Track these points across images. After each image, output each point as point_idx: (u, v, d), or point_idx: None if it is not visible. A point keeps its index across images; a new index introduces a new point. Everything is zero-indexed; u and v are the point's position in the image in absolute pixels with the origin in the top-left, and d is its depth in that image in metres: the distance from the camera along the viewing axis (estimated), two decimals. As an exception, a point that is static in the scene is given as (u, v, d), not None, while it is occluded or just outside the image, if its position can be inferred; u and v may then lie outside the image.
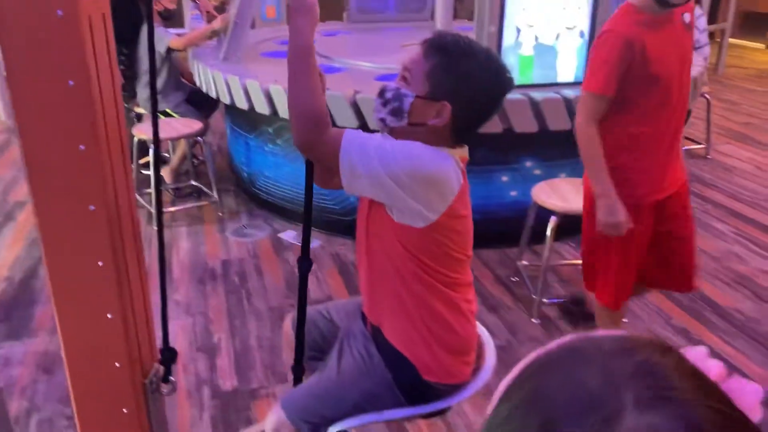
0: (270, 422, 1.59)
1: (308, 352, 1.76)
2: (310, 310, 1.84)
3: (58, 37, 1.26)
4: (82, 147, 1.35)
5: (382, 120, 1.43)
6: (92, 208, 1.41)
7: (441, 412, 1.65)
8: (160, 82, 4.14)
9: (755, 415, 0.46)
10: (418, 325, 1.48)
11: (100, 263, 1.45)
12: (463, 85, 1.38)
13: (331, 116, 1.45)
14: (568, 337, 0.51)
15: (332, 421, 1.53)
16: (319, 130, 1.35)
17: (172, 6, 4.18)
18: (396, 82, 1.42)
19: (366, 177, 1.33)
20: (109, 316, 1.51)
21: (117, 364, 1.58)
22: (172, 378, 1.76)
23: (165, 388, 1.76)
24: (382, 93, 1.42)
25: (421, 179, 1.34)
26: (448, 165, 1.39)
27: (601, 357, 0.46)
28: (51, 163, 1.37)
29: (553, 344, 0.51)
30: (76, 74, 1.29)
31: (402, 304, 1.48)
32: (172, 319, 2.82)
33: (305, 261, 1.64)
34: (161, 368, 1.75)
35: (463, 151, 1.46)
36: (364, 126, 3.07)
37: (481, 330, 1.70)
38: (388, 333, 1.52)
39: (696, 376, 0.46)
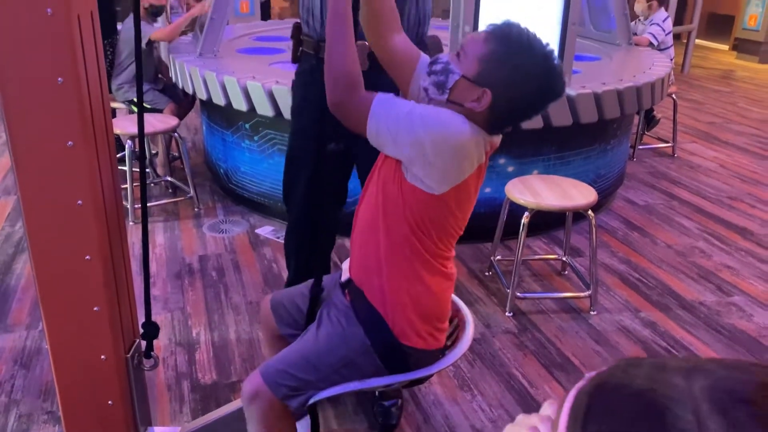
0: (248, 387, 1.60)
1: (288, 330, 1.79)
2: (291, 289, 1.87)
3: (47, 35, 1.28)
4: (70, 143, 1.37)
5: (425, 90, 1.45)
6: (80, 203, 1.43)
7: (420, 381, 1.69)
8: (131, 72, 4.14)
9: None
10: (398, 286, 1.52)
11: (87, 257, 1.48)
12: (512, 79, 1.38)
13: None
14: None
15: (311, 384, 1.55)
16: (350, 92, 1.38)
17: (157, 2, 4.16)
18: (449, 56, 1.44)
19: (391, 141, 1.38)
20: (95, 309, 1.54)
21: (102, 357, 1.61)
22: (153, 353, 1.77)
23: (147, 364, 1.78)
24: (432, 63, 1.45)
25: (444, 150, 1.37)
26: (475, 141, 1.41)
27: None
28: (39, 158, 1.39)
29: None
30: (65, 71, 1.32)
31: (385, 260, 1.52)
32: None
33: (317, 287, 1.67)
34: (143, 343, 1.77)
35: (496, 139, 1.49)
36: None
37: (459, 302, 1.74)
38: (369, 293, 1.55)
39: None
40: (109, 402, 1.66)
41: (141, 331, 1.78)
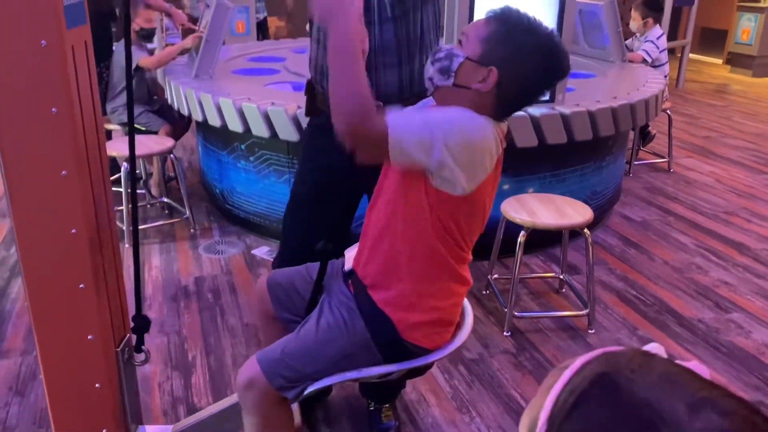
0: (244, 375, 1.57)
1: (285, 314, 1.76)
2: (290, 270, 1.83)
3: (42, 66, 1.28)
4: (64, 172, 1.37)
5: (430, 79, 1.46)
6: (74, 231, 1.43)
7: (419, 372, 1.66)
8: (125, 97, 4.15)
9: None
10: (412, 289, 1.50)
11: (81, 285, 1.47)
12: (515, 56, 1.39)
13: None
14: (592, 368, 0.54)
15: (308, 376, 1.53)
16: (364, 117, 1.32)
17: (147, 25, 4.19)
18: (451, 45, 1.46)
19: (416, 153, 1.35)
20: (89, 337, 1.53)
21: (97, 385, 1.59)
22: (144, 347, 1.72)
23: (138, 359, 1.73)
24: (435, 53, 1.46)
25: (469, 150, 1.37)
26: (490, 132, 1.41)
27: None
28: (34, 187, 1.39)
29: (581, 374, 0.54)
30: (59, 102, 1.32)
31: (402, 265, 1.50)
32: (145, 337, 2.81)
33: (321, 278, 1.64)
34: (134, 337, 1.72)
35: (504, 125, 1.49)
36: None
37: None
38: (376, 293, 1.53)
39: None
40: (104, 430, 1.64)
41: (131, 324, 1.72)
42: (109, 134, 4.41)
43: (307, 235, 2.13)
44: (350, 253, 1.68)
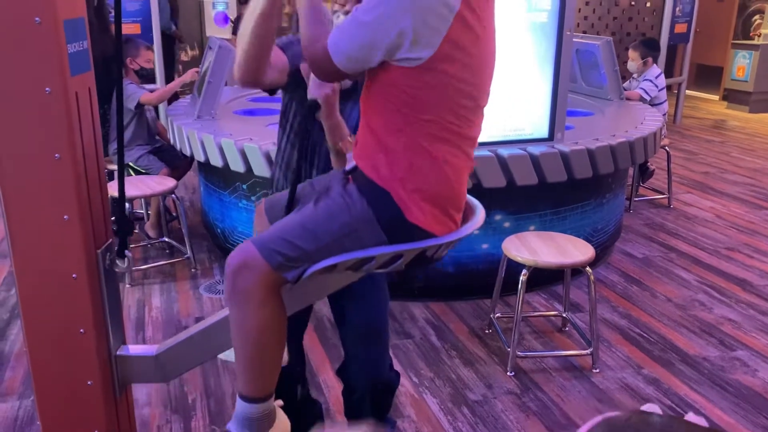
0: (234, 259, 1.43)
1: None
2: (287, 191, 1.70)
3: (45, 113, 1.30)
4: (66, 216, 1.38)
5: None
6: (75, 276, 1.43)
7: (428, 260, 1.54)
8: (126, 136, 4.18)
9: None
10: (402, 160, 1.42)
11: (81, 330, 1.46)
12: None
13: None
14: None
15: (309, 255, 1.43)
16: (314, 59, 1.41)
17: (148, 65, 4.26)
18: None
19: (367, 57, 1.35)
20: (89, 383, 1.51)
21: (96, 432, 1.57)
22: (128, 252, 1.62)
23: (120, 263, 1.61)
24: None
25: (415, 13, 1.29)
26: None
27: None
28: (35, 231, 1.39)
29: None
30: (63, 147, 1.33)
31: (386, 136, 1.42)
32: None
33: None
34: (116, 241, 1.61)
35: None
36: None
37: (470, 198, 1.62)
38: (372, 172, 1.45)
39: None
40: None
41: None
42: (111, 174, 4.43)
43: None
44: (351, 155, 1.58)
